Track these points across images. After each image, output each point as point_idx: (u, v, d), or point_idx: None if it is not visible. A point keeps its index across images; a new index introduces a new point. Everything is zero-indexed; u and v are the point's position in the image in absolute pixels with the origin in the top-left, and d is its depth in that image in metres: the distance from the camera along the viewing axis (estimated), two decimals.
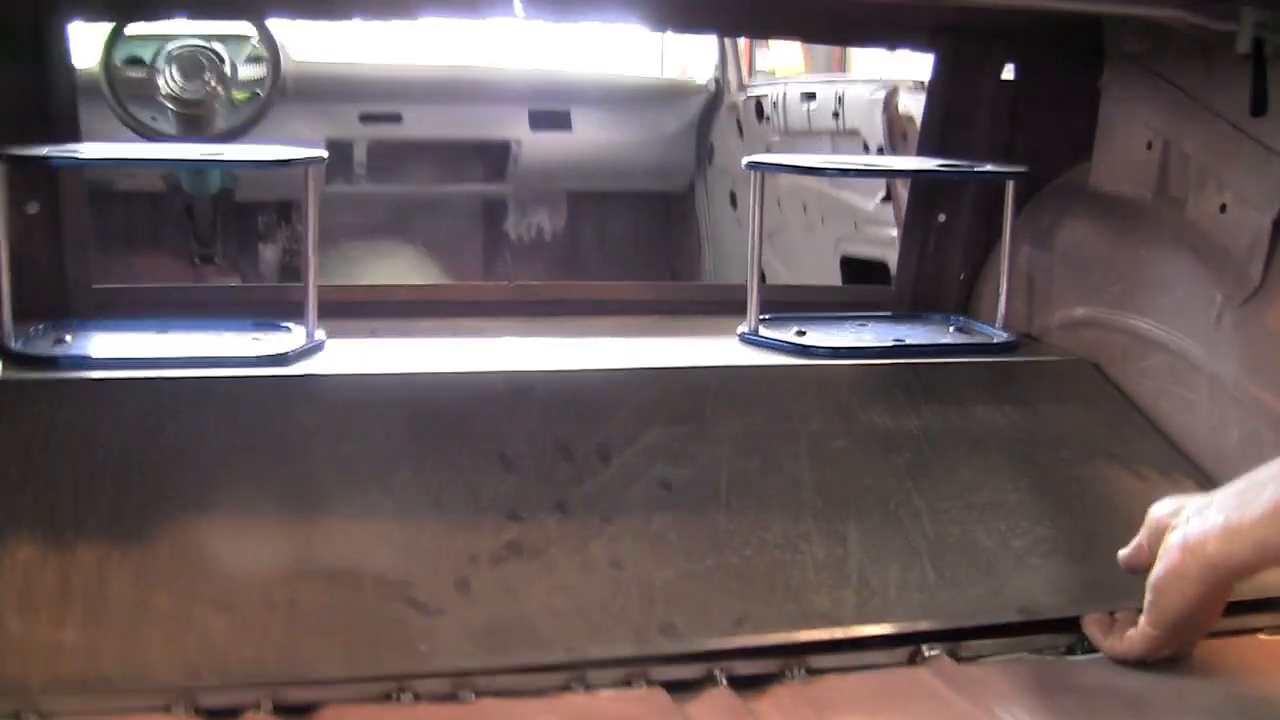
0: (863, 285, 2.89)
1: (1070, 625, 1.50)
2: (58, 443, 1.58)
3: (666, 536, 1.57)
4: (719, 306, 2.24)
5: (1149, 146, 1.97)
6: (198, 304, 2.14)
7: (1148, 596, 1.38)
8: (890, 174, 2.83)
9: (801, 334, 2.07)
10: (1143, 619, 1.39)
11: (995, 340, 2.08)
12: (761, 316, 2.09)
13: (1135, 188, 2.00)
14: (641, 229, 4.57)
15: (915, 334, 2.14)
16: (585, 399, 1.77)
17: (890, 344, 2.05)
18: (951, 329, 2.18)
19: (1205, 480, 1.72)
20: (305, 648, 1.38)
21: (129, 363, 1.77)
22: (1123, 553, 1.43)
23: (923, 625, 1.49)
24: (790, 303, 2.26)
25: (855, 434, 1.78)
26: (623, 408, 1.75)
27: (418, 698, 1.35)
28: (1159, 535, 1.38)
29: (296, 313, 1.93)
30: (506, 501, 1.59)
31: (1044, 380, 1.96)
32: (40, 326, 1.92)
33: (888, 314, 2.27)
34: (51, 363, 1.77)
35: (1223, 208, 1.81)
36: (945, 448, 1.77)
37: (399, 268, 4.14)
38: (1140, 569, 1.39)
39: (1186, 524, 1.34)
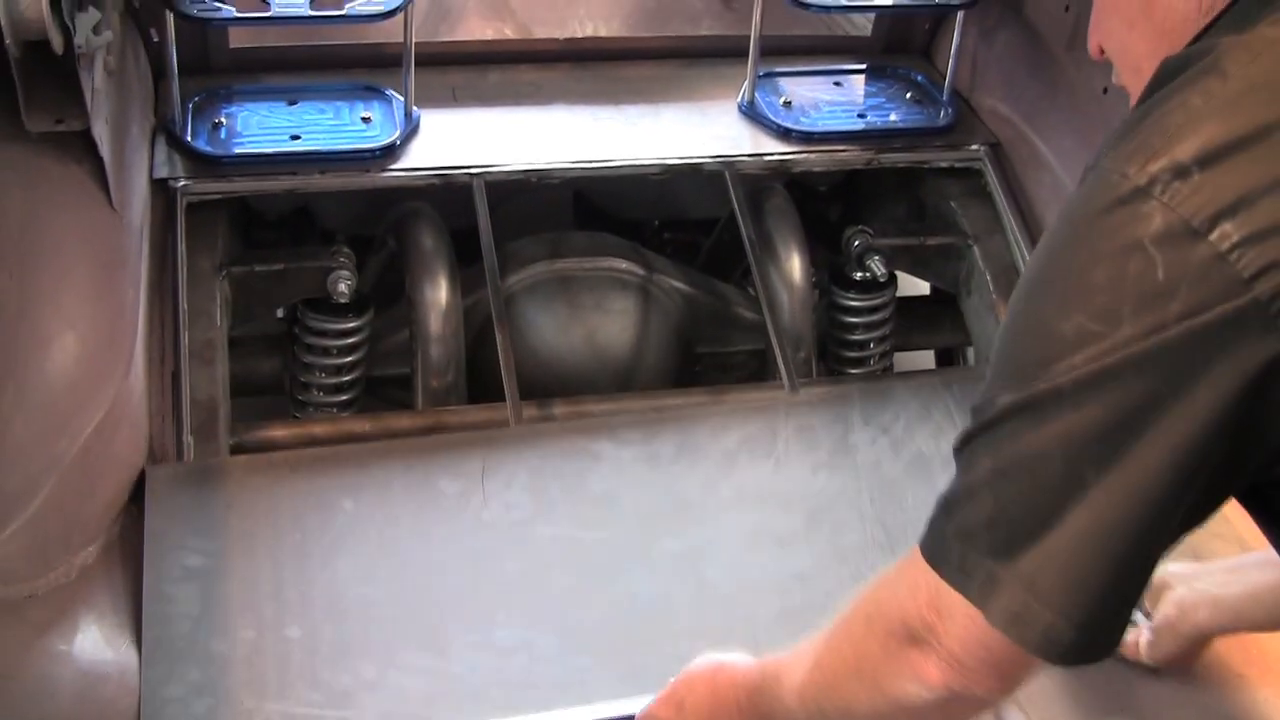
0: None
1: None
2: None
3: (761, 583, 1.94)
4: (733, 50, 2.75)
5: (1067, 9, 2.46)
6: (316, 62, 2.67)
7: (1146, 635, 1.77)
8: None
9: (788, 105, 2.66)
10: (1143, 649, 1.77)
11: (939, 122, 2.67)
12: (760, 73, 2.66)
13: (1053, 36, 2.51)
14: None
15: (876, 102, 2.72)
16: (679, 445, 2.15)
17: (857, 127, 2.64)
18: (909, 95, 2.75)
19: None
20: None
21: (273, 161, 2.39)
22: None
23: None
24: (786, 49, 2.82)
25: (902, 460, 2.14)
26: (712, 448, 2.15)
27: None
28: (1157, 592, 1.76)
29: (397, 62, 2.48)
30: (622, 553, 1.98)
31: None
32: (196, 100, 2.49)
33: (861, 67, 2.83)
34: (215, 163, 2.37)
35: (1105, 90, 2.34)
36: None
37: None
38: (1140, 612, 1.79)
39: (1183, 588, 1.73)
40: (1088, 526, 1.09)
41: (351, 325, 2.42)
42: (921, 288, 2.89)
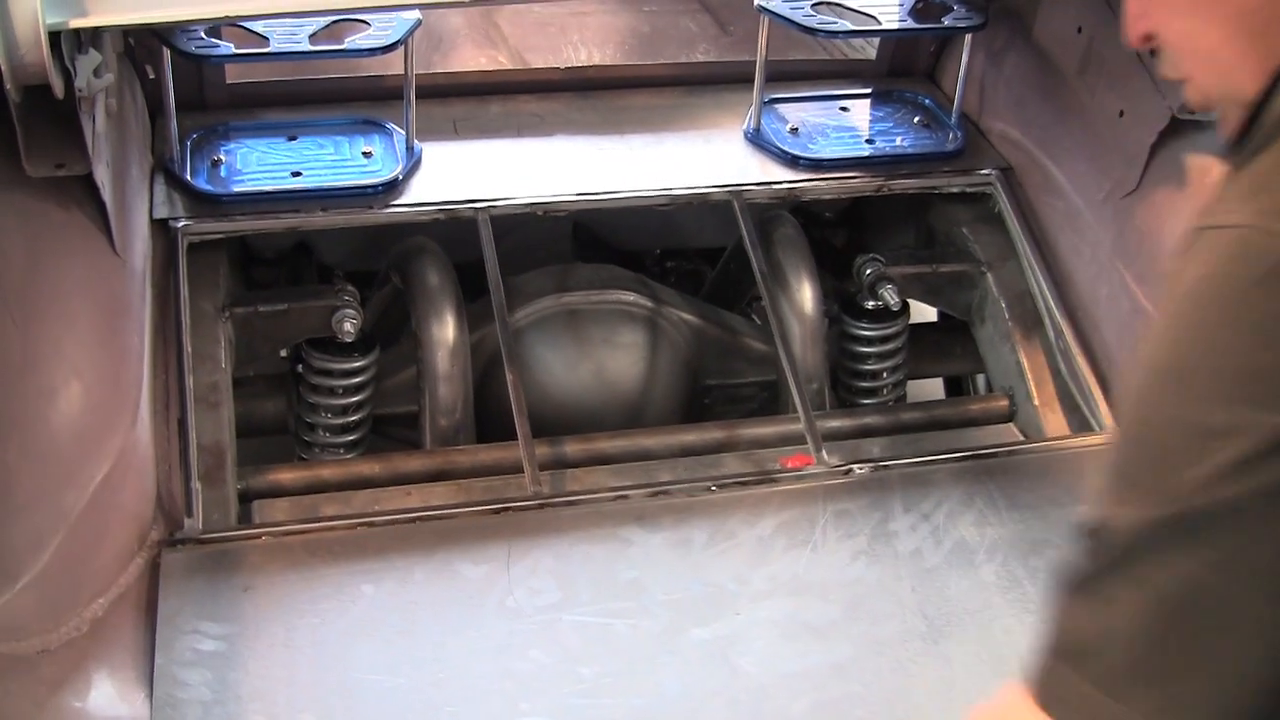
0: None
1: None
2: None
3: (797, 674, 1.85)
4: (736, 76, 2.74)
5: (1079, 30, 2.42)
6: (314, 96, 2.64)
7: None
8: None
9: (794, 131, 2.63)
10: None
11: (949, 146, 2.63)
12: (765, 99, 2.63)
13: (1065, 59, 2.48)
14: None
15: (884, 127, 2.69)
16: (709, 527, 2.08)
17: (865, 153, 2.60)
18: (916, 119, 2.72)
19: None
20: None
21: (274, 199, 2.34)
22: None
23: None
24: (790, 74, 2.79)
25: (944, 549, 2.06)
26: (746, 534, 2.06)
27: None
28: None
29: (397, 95, 2.45)
30: (650, 642, 1.89)
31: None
32: (194, 137, 2.45)
33: (867, 91, 2.80)
34: (216, 202, 2.33)
35: (1120, 113, 2.31)
36: (1026, 555, 2.04)
37: None
38: None
39: None
40: (1265, 669, 0.96)
41: (357, 365, 2.38)
42: (929, 314, 2.86)
